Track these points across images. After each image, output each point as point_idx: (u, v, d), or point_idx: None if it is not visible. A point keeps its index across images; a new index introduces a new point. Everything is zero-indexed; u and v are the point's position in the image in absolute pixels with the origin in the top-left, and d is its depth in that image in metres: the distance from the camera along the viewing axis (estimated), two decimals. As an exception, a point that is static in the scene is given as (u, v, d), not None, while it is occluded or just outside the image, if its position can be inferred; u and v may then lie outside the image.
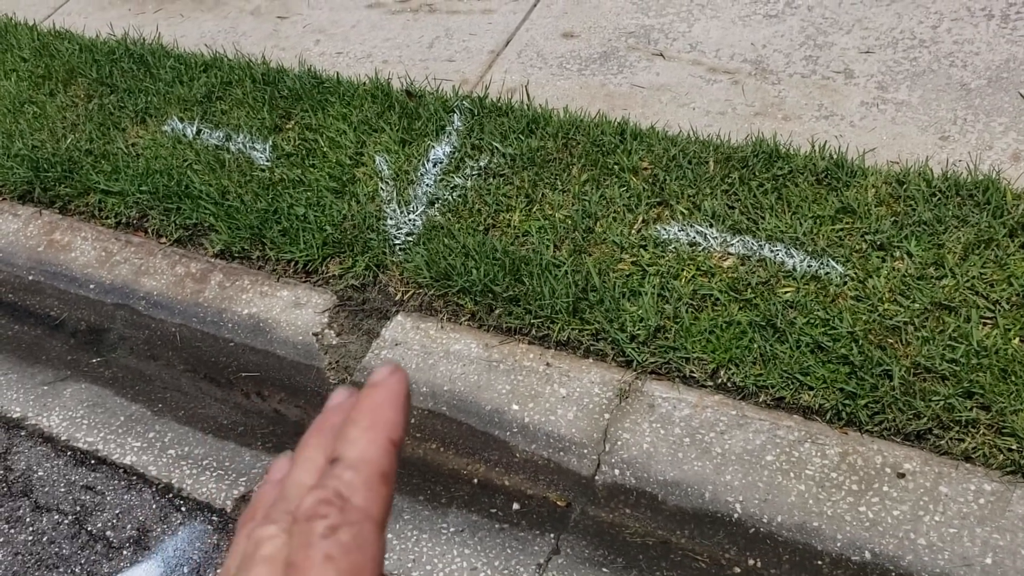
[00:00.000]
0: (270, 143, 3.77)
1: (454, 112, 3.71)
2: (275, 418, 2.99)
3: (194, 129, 3.91)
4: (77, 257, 3.68)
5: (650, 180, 3.29)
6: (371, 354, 3.14)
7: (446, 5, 4.44)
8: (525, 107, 3.70)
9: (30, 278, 3.66)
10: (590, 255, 3.12)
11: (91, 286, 3.56)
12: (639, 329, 2.87)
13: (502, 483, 2.72)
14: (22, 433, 2.98)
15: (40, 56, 4.53)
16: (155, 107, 4.07)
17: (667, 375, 2.85)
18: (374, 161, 3.61)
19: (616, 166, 3.35)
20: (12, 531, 2.67)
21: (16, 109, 4.25)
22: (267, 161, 3.70)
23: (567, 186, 3.34)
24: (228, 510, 2.68)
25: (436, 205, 3.43)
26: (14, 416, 3.04)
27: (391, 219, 3.42)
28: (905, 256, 2.88)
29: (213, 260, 3.53)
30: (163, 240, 3.66)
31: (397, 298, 3.28)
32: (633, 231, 3.16)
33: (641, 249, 3.09)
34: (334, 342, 3.21)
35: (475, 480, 2.74)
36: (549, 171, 3.41)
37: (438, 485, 2.74)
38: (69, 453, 2.90)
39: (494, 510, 2.64)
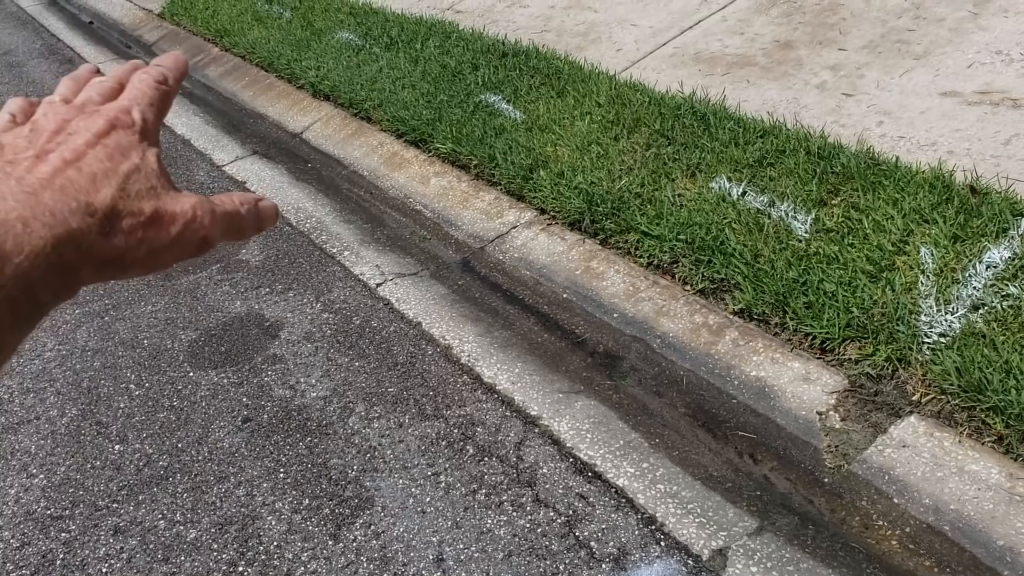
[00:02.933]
0: (812, 216, 3.76)
1: (1022, 216, 3.39)
2: (763, 484, 2.97)
3: (739, 190, 4.04)
4: (607, 286, 4.00)
5: None
6: (873, 448, 2.98)
7: (1032, 103, 4.09)
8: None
9: (564, 296, 4.05)
10: None
11: (615, 315, 3.84)
12: None
13: (1005, 632, 2.41)
14: (535, 430, 3.30)
15: (613, 103, 5.02)
16: (706, 164, 4.28)
17: None
18: (918, 252, 3.43)
19: None
20: (514, 514, 2.96)
21: (583, 148, 4.74)
22: (805, 233, 3.70)
23: None
24: (703, 559, 2.71)
25: (980, 311, 3.16)
26: (531, 413, 3.38)
27: (925, 315, 3.22)
28: None
29: (731, 317, 3.61)
30: (687, 288, 3.83)
31: (914, 398, 3.08)
32: None
33: None
34: (836, 426, 3.09)
35: (973, 618, 2.46)
36: None
37: (928, 609, 2.51)
38: (571, 460, 3.15)
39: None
